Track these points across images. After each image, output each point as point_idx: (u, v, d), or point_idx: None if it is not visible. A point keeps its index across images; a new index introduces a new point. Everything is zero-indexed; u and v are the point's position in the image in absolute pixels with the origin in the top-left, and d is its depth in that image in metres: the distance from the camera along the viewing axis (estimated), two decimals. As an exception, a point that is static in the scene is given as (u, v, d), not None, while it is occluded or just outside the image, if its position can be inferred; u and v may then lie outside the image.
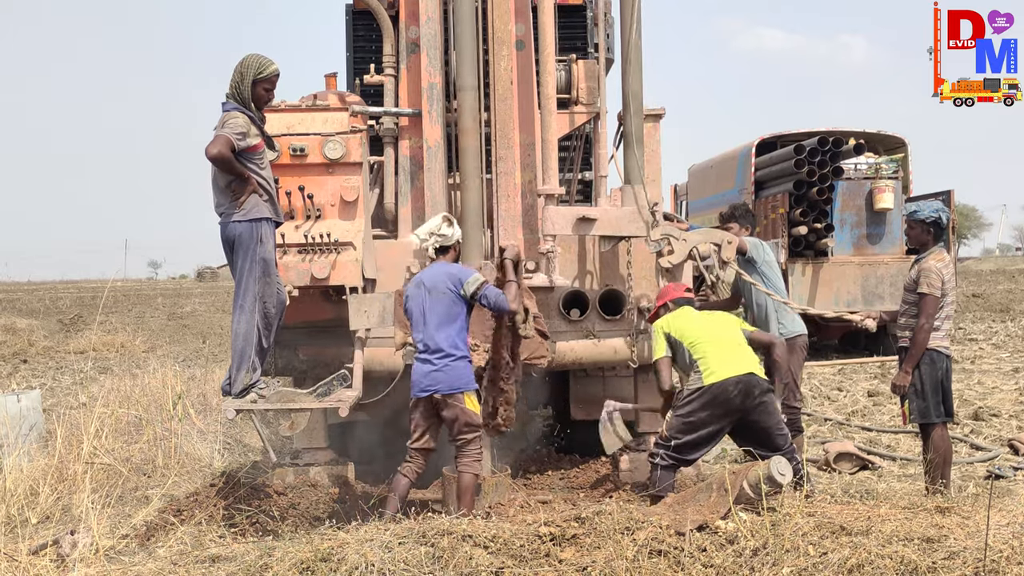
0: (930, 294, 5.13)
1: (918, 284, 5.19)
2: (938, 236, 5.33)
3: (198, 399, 7.90)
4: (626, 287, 5.90)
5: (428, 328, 4.84)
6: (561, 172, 6.48)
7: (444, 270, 4.95)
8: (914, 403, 5.25)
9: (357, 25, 7.75)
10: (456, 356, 4.80)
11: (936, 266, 5.18)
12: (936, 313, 5.18)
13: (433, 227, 5.02)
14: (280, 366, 6.00)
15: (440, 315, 4.83)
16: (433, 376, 4.78)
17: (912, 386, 5.24)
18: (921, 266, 5.24)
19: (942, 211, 5.37)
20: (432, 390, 4.78)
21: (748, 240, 6.04)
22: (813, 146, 12.19)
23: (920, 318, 5.16)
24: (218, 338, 16.90)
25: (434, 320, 4.83)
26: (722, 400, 4.79)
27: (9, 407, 6.71)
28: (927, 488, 5.29)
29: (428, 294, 4.87)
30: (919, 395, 5.23)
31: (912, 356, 5.22)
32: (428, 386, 4.79)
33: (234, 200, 4.79)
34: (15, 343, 16.47)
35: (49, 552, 4.15)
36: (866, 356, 13.33)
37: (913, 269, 5.33)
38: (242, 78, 4.81)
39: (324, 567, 3.47)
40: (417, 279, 5.03)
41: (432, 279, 4.92)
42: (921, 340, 5.17)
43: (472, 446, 4.85)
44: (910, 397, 5.26)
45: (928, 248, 5.31)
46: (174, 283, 51.24)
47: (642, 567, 3.48)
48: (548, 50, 5.81)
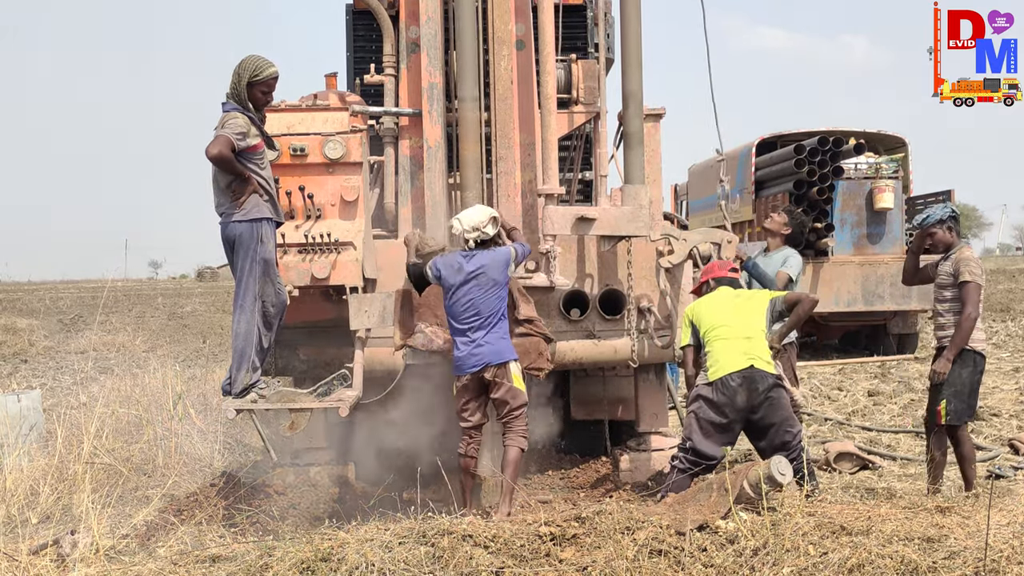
0: (973, 281, 5.03)
1: (958, 275, 5.08)
2: (959, 230, 5.29)
3: (198, 399, 7.90)
4: (626, 287, 5.90)
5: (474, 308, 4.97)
6: (561, 172, 6.48)
7: (489, 254, 5.06)
8: (953, 404, 5.13)
9: (357, 25, 7.75)
10: (499, 333, 5.02)
11: (974, 255, 5.13)
12: (980, 301, 5.09)
13: (479, 223, 5.04)
14: (280, 366, 6.00)
15: (486, 299, 4.99)
16: (480, 352, 4.95)
17: (952, 387, 5.12)
18: (959, 257, 5.14)
19: (952, 206, 5.36)
20: (482, 364, 4.95)
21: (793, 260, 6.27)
22: (813, 146, 12.19)
23: (966, 307, 5.05)
24: (218, 338, 16.88)
25: (481, 300, 4.98)
26: (727, 398, 4.75)
27: (9, 407, 6.71)
28: (928, 488, 5.28)
29: (476, 276, 4.98)
30: (959, 397, 5.13)
31: (955, 344, 5.08)
32: (477, 362, 4.95)
33: (234, 200, 4.79)
34: (15, 343, 16.46)
35: (49, 552, 4.14)
36: (866, 356, 13.34)
37: (946, 263, 5.23)
38: (239, 80, 4.81)
39: (324, 567, 3.47)
40: (456, 263, 5.04)
41: (478, 262, 5.01)
42: (967, 328, 5.06)
43: (519, 422, 5.04)
44: (949, 398, 5.12)
45: (954, 246, 5.25)
46: (174, 283, 51.21)
47: (642, 567, 3.47)
48: (548, 50, 5.80)
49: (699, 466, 4.84)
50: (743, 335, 4.91)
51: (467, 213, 5.14)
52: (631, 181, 5.75)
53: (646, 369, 6.20)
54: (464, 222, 5.07)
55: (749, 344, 4.87)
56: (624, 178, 5.89)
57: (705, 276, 5.38)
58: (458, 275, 5.00)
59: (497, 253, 5.08)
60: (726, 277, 5.31)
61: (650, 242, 5.83)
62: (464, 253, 5.07)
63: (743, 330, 4.93)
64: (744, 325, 4.96)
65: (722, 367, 4.79)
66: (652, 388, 6.29)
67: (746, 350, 4.84)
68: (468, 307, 4.98)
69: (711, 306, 5.11)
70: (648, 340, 5.83)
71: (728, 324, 4.95)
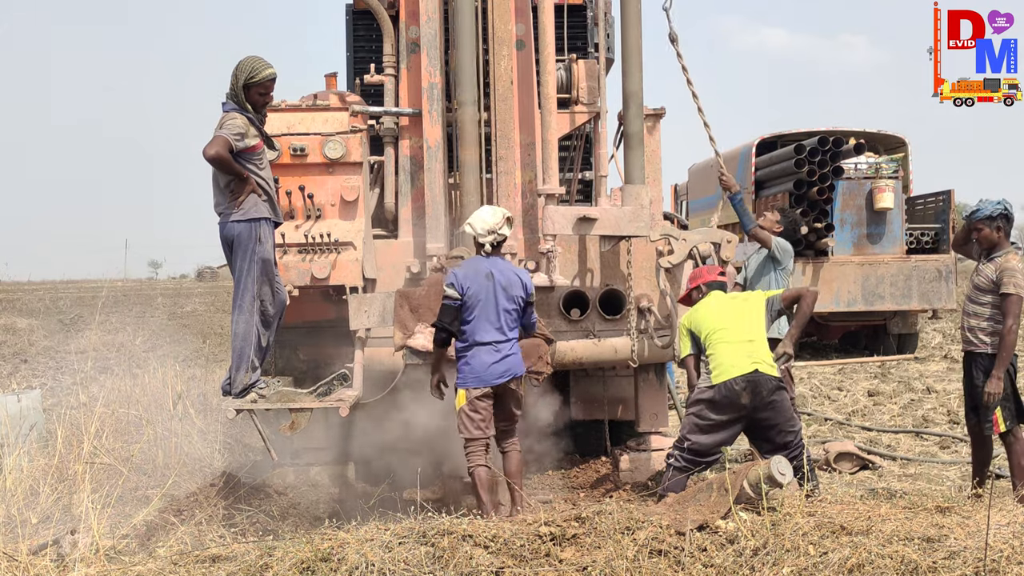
0: (1016, 294, 4.91)
1: (1001, 284, 4.94)
2: (1008, 231, 5.09)
3: (198, 399, 7.89)
4: (626, 287, 5.90)
5: (499, 320, 4.88)
6: (561, 172, 6.49)
7: (512, 270, 5.02)
8: (1007, 409, 5.07)
9: (357, 25, 7.76)
10: (515, 342, 5.00)
11: (1020, 266, 4.98)
12: (1020, 314, 4.98)
13: (494, 224, 4.90)
14: (280, 366, 6.00)
15: (509, 311, 4.91)
16: (506, 363, 4.89)
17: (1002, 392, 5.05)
18: (1003, 265, 4.98)
19: (1007, 203, 5.08)
20: (510, 375, 4.90)
21: (778, 239, 6.12)
22: (813, 146, 12.19)
23: (1007, 320, 4.95)
24: (218, 338, 16.87)
25: (505, 314, 4.90)
26: (730, 400, 4.74)
27: (9, 407, 6.70)
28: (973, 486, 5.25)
29: (503, 290, 4.88)
30: (1009, 400, 5.08)
31: (1003, 360, 4.99)
32: (504, 372, 4.88)
33: (233, 200, 4.80)
34: (15, 343, 16.46)
35: (49, 552, 4.14)
36: (866, 356, 13.34)
37: (987, 267, 5.06)
38: (236, 81, 4.81)
39: (324, 567, 3.47)
40: (483, 268, 4.88)
41: (505, 276, 4.91)
42: (1011, 343, 4.99)
43: (516, 426, 5.09)
44: (1001, 404, 5.05)
45: (1001, 248, 5.06)
46: (174, 283, 51.19)
47: (642, 567, 3.47)
48: (548, 50, 5.81)
49: (696, 464, 4.86)
50: (746, 338, 4.90)
51: (480, 216, 4.95)
52: (631, 181, 5.75)
53: (646, 369, 6.19)
54: (477, 226, 4.90)
55: (752, 347, 4.86)
56: (624, 178, 5.89)
57: (695, 282, 5.34)
58: (487, 283, 4.84)
59: (518, 270, 5.07)
60: (716, 281, 5.30)
61: (650, 242, 5.83)
62: (488, 260, 4.91)
63: (745, 333, 4.92)
64: (746, 328, 4.95)
65: (726, 371, 4.78)
66: (652, 388, 6.29)
67: (750, 353, 4.82)
68: (498, 317, 4.86)
69: (708, 311, 5.10)
70: (648, 340, 5.83)
71: (729, 327, 4.94)
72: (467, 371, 4.86)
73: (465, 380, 4.87)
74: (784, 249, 6.11)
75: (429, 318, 5.35)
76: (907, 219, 13.06)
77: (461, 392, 4.88)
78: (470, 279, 4.84)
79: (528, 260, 5.93)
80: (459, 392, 4.90)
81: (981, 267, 5.15)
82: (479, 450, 4.89)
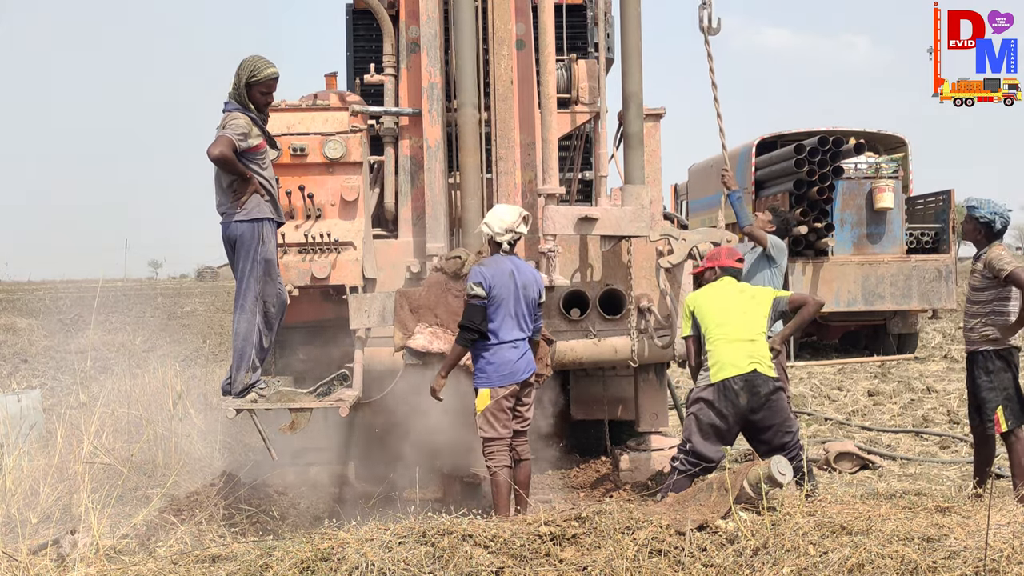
0: (1012, 269, 4.94)
1: (996, 272, 5.00)
2: (989, 238, 5.15)
3: (198, 399, 7.89)
4: (626, 287, 5.90)
5: (520, 318, 4.89)
6: (561, 172, 6.49)
7: (529, 270, 5.04)
8: (1009, 409, 5.07)
9: (357, 25, 7.76)
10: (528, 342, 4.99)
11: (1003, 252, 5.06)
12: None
13: (512, 223, 4.89)
14: (280, 366, 6.00)
15: (527, 309, 4.92)
16: (526, 359, 4.90)
17: (1003, 392, 5.07)
18: (988, 257, 5.07)
19: (999, 214, 5.13)
20: (531, 371, 4.92)
21: (773, 238, 6.16)
22: (813, 145, 12.19)
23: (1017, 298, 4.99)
24: (218, 338, 16.88)
25: (525, 311, 4.91)
26: (727, 400, 4.74)
27: (9, 407, 6.71)
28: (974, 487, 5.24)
29: (523, 289, 4.89)
30: (1011, 400, 5.08)
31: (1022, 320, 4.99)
32: (527, 368, 4.89)
33: (235, 200, 4.79)
34: (15, 343, 16.46)
35: (49, 552, 4.14)
36: (866, 356, 13.35)
37: (977, 264, 5.16)
38: (239, 80, 4.81)
39: (324, 567, 3.47)
40: (506, 266, 4.87)
41: (523, 276, 4.93)
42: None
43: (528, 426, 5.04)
44: (1003, 403, 5.05)
45: (982, 247, 5.17)
46: (174, 283, 51.23)
47: (642, 567, 3.47)
48: (548, 50, 5.81)
49: (699, 467, 4.83)
50: (746, 337, 4.87)
51: (497, 214, 4.95)
52: (631, 181, 5.76)
53: (646, 369, 6.20)
54: (495, 225, 4.89)
55: (752, 347, 4.84)
56: (624, 178, 5.89)
57: (712, 262, 5.26)
58: (511, 282, 4.85)
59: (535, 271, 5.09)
60: (731, 267, 5.23)
61: (650, 242, 5.83)
62: (508, 258, 4.91)
63: (746, 332, 4.89)
64: (747, 326, 4.92)
65: (724, 369, 4.77)
66: (652, 388, 6.29)
67: (749, 352, 4.81)
68: (520, 315, 4.88)
69: (714, 301, 5.04)
70: (648, 340, 5.83)
71: (731, 324, 4.91)
72: (491, 370, 4.80)
73: (490, 379, 4.80)
74: (779, 247, 6.20)
75: (429, 318, 5.35)
76: (907, 219, 13.07)
77: (484, 392, 4.81)
78: (496, 277, 4.82)
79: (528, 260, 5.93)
80: (480, 392, 4.83)
81: (973, 267, 5.24)
82: (502, 450, 4.84)
